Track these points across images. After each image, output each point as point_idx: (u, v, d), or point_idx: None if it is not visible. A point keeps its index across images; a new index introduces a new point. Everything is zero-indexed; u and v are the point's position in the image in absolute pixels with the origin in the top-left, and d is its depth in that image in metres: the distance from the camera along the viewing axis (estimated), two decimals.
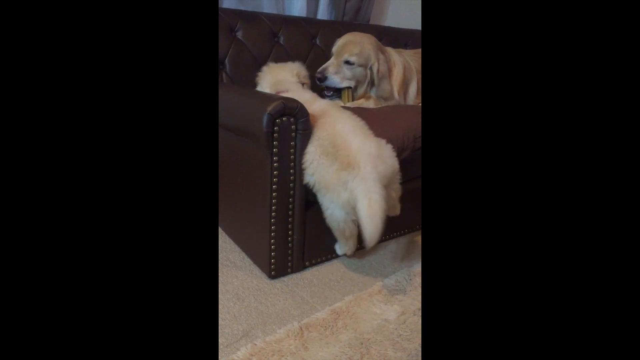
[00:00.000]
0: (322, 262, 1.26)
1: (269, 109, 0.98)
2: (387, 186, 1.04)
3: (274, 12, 1.90)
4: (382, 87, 1.58)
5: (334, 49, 1.58)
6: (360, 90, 1.60)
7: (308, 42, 1.82)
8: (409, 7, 2.35)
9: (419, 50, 1.95)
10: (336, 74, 1.54)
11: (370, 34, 1.63)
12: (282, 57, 1.68)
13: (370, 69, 1.55)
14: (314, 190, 1.09)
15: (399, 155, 1.23)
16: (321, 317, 1.00)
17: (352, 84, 1.58)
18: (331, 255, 1.27)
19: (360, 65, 1.55)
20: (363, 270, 1.24)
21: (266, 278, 1.16)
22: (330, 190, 1.04)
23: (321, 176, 1.04)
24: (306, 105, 1.06)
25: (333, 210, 1.08)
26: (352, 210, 1.04)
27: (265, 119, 0.98)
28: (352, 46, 1.54)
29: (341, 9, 2.04)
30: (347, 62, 1.54)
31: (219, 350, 0.88)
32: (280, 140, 1.02)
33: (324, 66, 1.56)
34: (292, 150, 1.06)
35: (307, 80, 1.39)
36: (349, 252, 1.23)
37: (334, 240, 1.25)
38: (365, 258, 1.30)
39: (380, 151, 1.06)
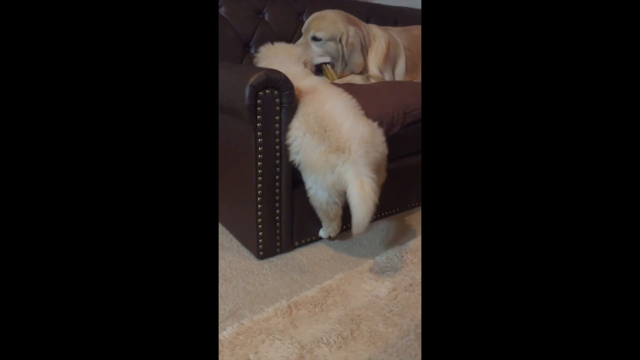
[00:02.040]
0: (312, 242, 1.23)
1: (251, 80, 0.94)
2: (375, 172, 1.00)
3: None
4: (352, 60, 1.54)
5: (303, 28, 1.55)
6: (338, 67, 1.57)
7: (294, 20, 1.76)
8: None
9: (408, 28, 1.91)
10: (305, 53, 1.51)
11: (343, 10, 1.60)
12: (268, 35, 1.63)
13: (340, 41, 1.52)
14: (299, 168, 1.05)
15: (389, 131, 1.21)
16: (310, 295, 0.97)
17: (326, 59, 1.55)
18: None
19: (329, 40, 1.51)
20: (354, 249, 1.21)
21: (254, 259, 1.13)
22: (316, 171, 1.00)
23: (307, 155, 1.00)
24: (295, 80, 1.02)
25: (316, 191, 1.04)
26: (337, 193, 1.02)
27: (247, 91, 0.94)
28: (317, 21, 1.51)
29: None
30: (315, 39, 1.50)
31: None
32: (263, 114, 0.98)
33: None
34: (276, 125, 1.02)
35: (312, 69, 1.35)
36: (332, 234, 1.19)
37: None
38: (356, 238, 1.27)
39: (372, 137, 1.02)
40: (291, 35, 1.74)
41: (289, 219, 1.13)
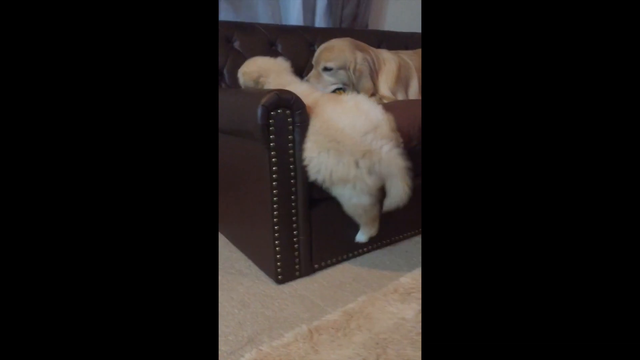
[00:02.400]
0: (333, 264, 1.18)
1: (263, 101, 0.95)
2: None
3: (271, 22, 1.92)
4: (361, 85, 1.55)
5: (313, 59, 1.58)
6: (349, 93, 1.59)
7: (306, 50, 1.81)
8: (408, 10, 2.35)
9: (419, 50, 1.93)
10: (318, 84, 1.54)
11: (351, 38, 1.62)
12: None
13: (349, 69, 1.54)
14: (325, 185, 1.03)
15: (408, 144, 1.18)
16: (332, 318, 0.92)
17: (339, 85, 1.57)
18: (342, 256, 1.20)
19: (340, 69, 1.53)
20: (377, 271, 1.16)
21: (273, 283, 1.09)
22: (352, 181, 1.00)
23: (333, 172, 1.00)
24: (303, 98, 1.02)
25: (359, 199, 1.04)
26: (377, 193, 1.04)
27: (259, 112, 0.95)
28: (327, 53, 1.53)
29: (338, 17, 2.05)
30: (326, 69, 1.53)
31: (222, 359, 0.81)
32: (277, 134, 0.98)
33: (305, 78, 1.56)
34: (290, 145, 1.01)
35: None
36: (374, 234, 1.18)
37: (343, 240, 1.18)
38: (378, 259, 1.22)
39: (374, 123, 1.03)
40: (304, 64, 1.78)
41: (307, 241, 1.10)
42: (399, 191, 1.01)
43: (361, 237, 1.18)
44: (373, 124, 1.02)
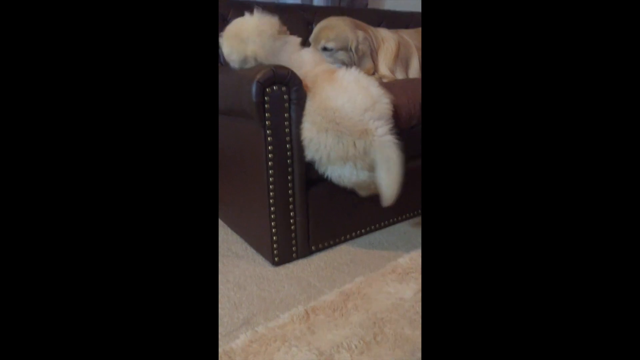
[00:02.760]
0: (330, 246, 1.16)
1: (258, 77, 0.91)
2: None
3: (268, 0, 1.86)
4: (362, 65, 1.51)
5: (311, 38, 1.52)
6: None
7: (304, 29, 1.76)
8: None
9: (420, 29, 1.88)
10: None
11: (350, 17, 1.57)
12: None
13: (350, 49, 1.49)
14: (323, 164, 1.01)
15: (408, 123, 1.16)
16: (329, 299, 0.90)
17: (337, 65, 1.51)
18: (339, 238, 1.18)
19: (340, 49, 1.48)
20: (375, 252, 1.14)
21: (270, 265, 1.08)
22: (351, 159, 0.99)
23: (331, 151, 0.98)
24: (308, 71, 1.01)
25: (358, 176, 1.02)
26: (372, 171, 1.02)
27: (254, 88, 0.91)
28: (327, 31, 1.47)
29: None
30: (325, 49, 1.47)
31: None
32: (272, 111, 0.95)
33: None
34: (286, 123, 0.98)
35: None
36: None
37: (341, 221, 1.17)
38: (377, 240, 1.20)
39: (374, 99, 1.01)
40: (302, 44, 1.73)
41: (304, 222, 1.08)
42: (384, 182, 0.99)
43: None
44: (373, 99, 1.00)
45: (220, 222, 1.34)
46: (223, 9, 1.57)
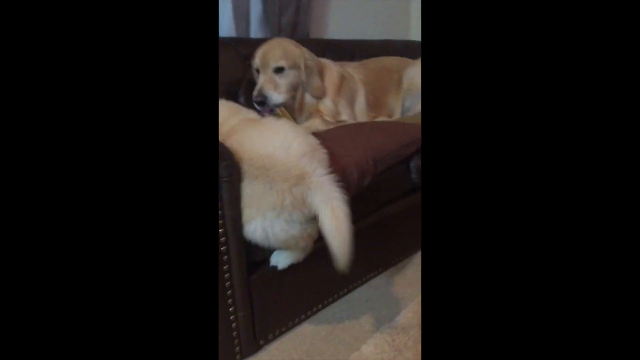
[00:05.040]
0: (282, 333, 0.99)
1: None
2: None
3: None
4: (311, 83, 1.41)
5: (257, 64, 1.37)
6: (298, 96, 1.42)
7: (241, 65, 1.59)
8: (350, 17, 2.19)
9: (365, 62, 1.79)
10: (275, 89, 1.33)
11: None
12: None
13: (299, 67, 1.37)
14: (251, 216, 0.82)
15: (360, 184, 1.02)
16: None
17: (289, 96, 1.38)
18: (292, 321, 1.02)
19: (291, 68, 1.36)
20: (334, 337, 0.98)
21: None
22: (286, 210, 0.81)
23: (262, 200, 0.81)
24: (221, 123, 0.89)
25: (288, 231, 0.83)
26: (309, 222, 0.84)
27: None
28: (274, 52, 1.34)
29: (276, 26, 1.84)
30: (278, 70, 1.34)
31: None
32: None
33: (258, 86, 1.34)
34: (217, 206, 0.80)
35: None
36: (295, 261, 0.94)
37: (293, 302, 1.00)
38: (336, 316, 1.05)
39: (312, 146, 0.87)
40: (239, 80, 1.56)
41: (248, 316, 0.90)
42: (330, 228, 0.79)
43: (278, 260, 0.93)
44: (311, 147, 0.86)
45: None
46: None
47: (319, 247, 0.99)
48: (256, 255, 0.89)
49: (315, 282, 1.04)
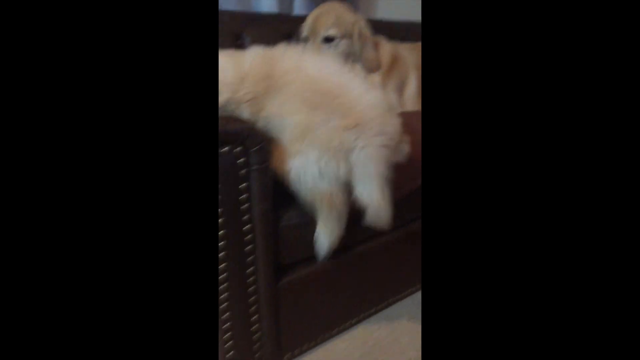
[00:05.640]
0: (310, 348, 0.87)
1: None
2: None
3: (238, 9, 1.56)
4: (365, 54, 1.25)
5: (305, 31, 1.22)
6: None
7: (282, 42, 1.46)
8: None
9: (418, 45, 1.60)
10: None
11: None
12: None
13: (352, 36, 1.21)
14: (297, 142, 0.71)
15: (411, 184, 0.86)
16: None
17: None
18: (323, 335, 0.89)
19: (344, 37, 1.20)
20: (371, 359, 0.84)
21: None
22: (331, 151, 0.68)
23: (315, 132, 0.69)
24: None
25: (319, 180, 0.69)
26: (336, 185, 0.70)
27: None
28: (324, 18, 1.19)
29: (321, 3, 1.69)
30: (327, 39, 1.19)
31: None
32: (223, 183, 0.65)
33: None
34: (244, 197, 0.68)
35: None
36: (336, 234, 0.74)
37: (325, 314, 0.87)
38: (372, 338, 0.91)
39: (389, 105, 0.81)
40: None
41: (272, 327, 0.78)
42: (372, 199, 0.69)
43: (322, 237, 0.73)
44: (388, 105, 0.78)
45: None
46: None
47: (353, 255, 0.85)
48: (285, 257, 0.77)
49: (350, 293, 0.90)
